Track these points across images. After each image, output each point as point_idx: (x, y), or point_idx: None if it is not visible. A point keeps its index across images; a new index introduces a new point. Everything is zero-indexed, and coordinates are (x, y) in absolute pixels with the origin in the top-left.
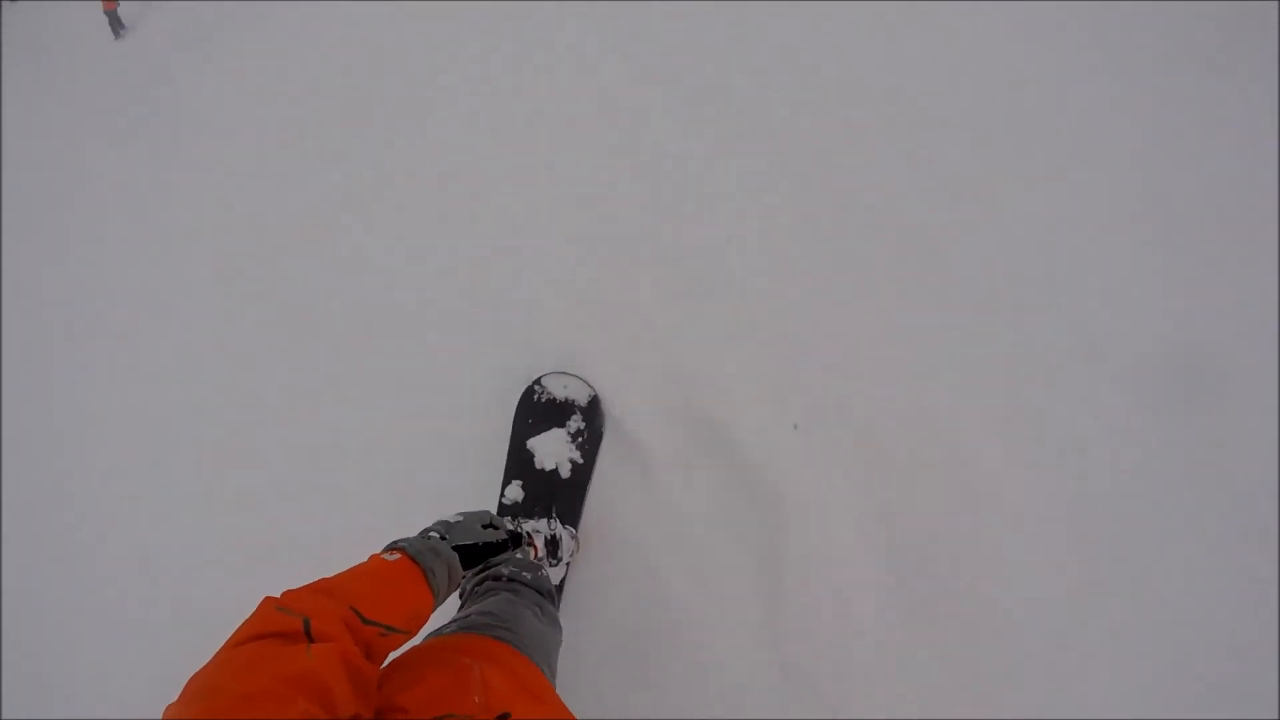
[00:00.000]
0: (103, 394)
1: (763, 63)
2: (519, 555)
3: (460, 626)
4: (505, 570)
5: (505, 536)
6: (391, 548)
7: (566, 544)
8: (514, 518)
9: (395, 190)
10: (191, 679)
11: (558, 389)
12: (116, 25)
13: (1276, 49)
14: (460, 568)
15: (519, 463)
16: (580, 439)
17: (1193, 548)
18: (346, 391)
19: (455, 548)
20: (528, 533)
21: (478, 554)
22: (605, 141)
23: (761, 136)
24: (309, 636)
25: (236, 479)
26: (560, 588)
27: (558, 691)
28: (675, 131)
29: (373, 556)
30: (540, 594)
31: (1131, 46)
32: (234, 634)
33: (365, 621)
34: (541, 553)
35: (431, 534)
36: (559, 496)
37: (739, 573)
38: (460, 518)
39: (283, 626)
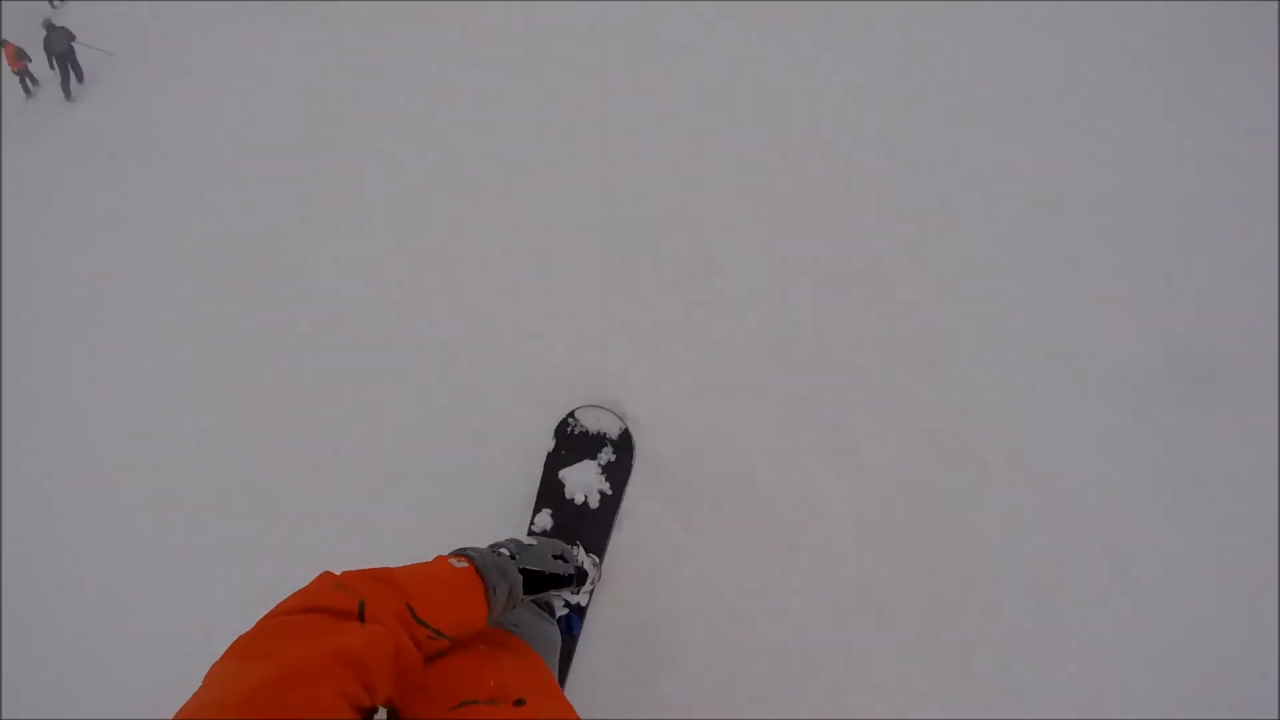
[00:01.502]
0: (109, 393)
1: None
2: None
3: None
4: None
5: (573, 571)
6: (460, 553)
7: (591, 572)
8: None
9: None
10: (240, 638)
11: (591, 422)
12: (27, 84)
13: (1276, 49)
14: (521, 590)
15: (550, 492)
16: (610, 471)
17: (1193, 547)
18: (384, 406)
19: (522, 570)
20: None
21: (542, 582)
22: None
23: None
24: (361, 618)
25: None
26: (583, 612)
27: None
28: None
29: (439, 558)
30: (538, 605)
31: (1132, 46)
32: (286, 601)
33: (417, 621)
34: None
35: (502, 550)
36: (586, 526)
37: (752, 598)
38: (534, 542)
39: (338, 603)
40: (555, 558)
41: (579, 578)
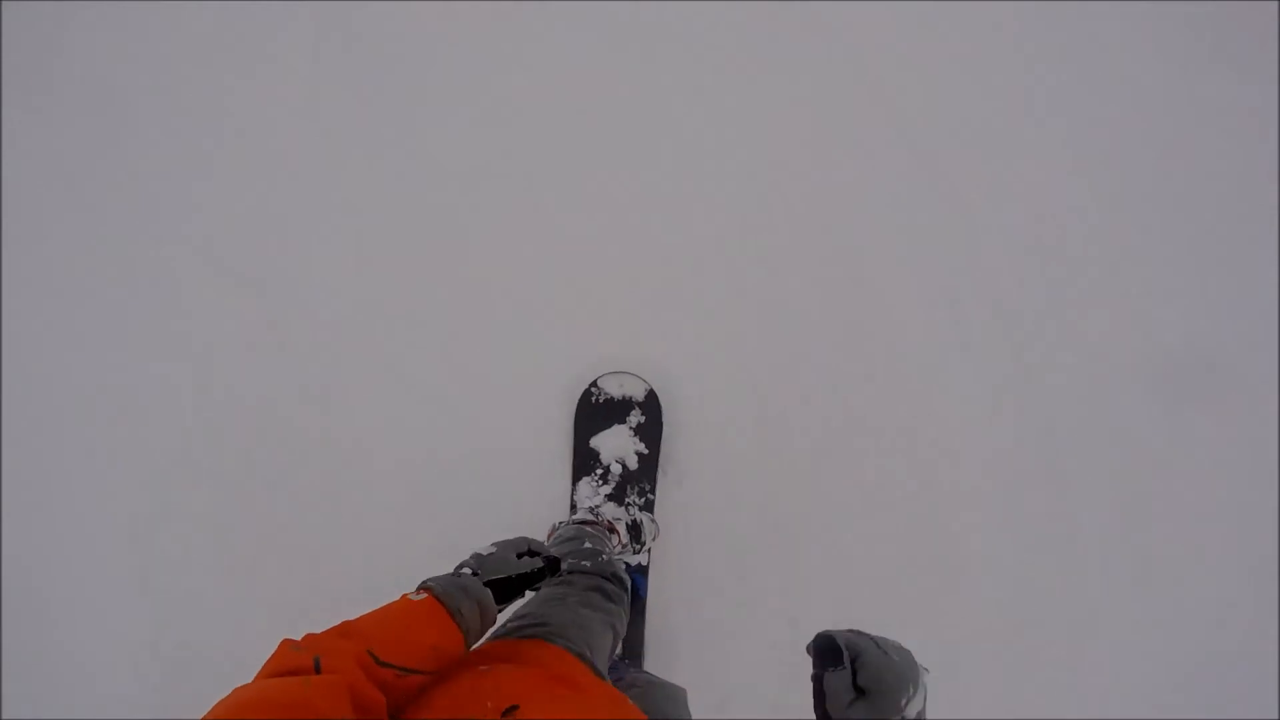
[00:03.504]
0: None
1: None
2: (585, 545)
3: (492, 635)
4: (565, 564)
5: (542, 565)
6: (421, 587)
7: (648, 528)
8: (593, 509)
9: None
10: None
11: (614, 388)
12: None
13: (1276, 49)
14: (493, 604)
15: (586, 462)
16: (642, 432)
17: (1193, 547)
18: (405, 418)
19: (489, 582)
20: (607, 520)
21: (513, 586)
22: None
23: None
24: (317, 671)
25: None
26: (646, 570)
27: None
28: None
29: (403, 596)
30: (601, 577)
31: (1132, 47)
32: (258, 673)
33: (380, 663)
34: (625, 539)
35: (464, 570)
36: (631, 486)
37: (808, 549)
38: (494, 549)
39: (294, 664)
40: (520, 556)
41: (550, 568)
